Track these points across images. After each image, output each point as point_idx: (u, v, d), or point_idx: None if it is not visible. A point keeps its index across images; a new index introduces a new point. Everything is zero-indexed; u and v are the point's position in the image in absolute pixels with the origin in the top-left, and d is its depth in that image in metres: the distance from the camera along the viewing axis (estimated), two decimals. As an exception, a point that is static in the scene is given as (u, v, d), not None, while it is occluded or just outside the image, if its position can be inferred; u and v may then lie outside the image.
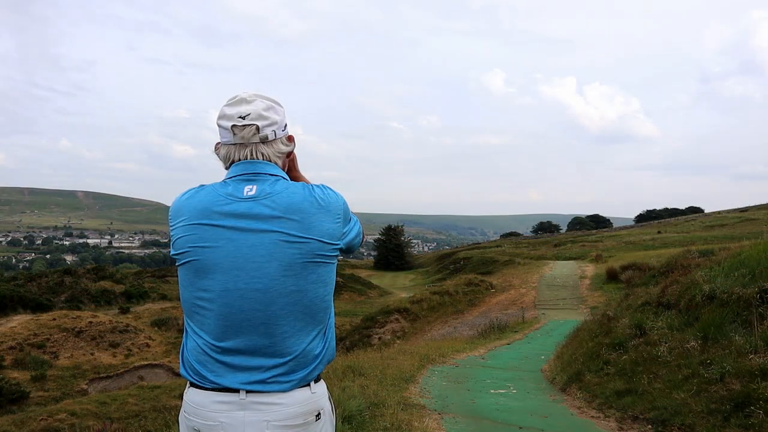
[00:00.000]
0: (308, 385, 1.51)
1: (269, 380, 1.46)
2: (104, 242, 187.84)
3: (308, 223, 1.47)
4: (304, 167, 1.75)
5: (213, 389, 1.47)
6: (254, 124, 1.53)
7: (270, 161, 1.57)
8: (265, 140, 1.56)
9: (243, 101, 1.54)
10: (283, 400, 1.46)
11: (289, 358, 1.47)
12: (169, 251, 1.61)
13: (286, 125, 1.61)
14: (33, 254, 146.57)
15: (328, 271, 1.53)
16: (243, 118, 1.52)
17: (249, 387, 1.45)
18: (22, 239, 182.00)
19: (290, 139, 1.65)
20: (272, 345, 1.47)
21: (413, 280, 49.60)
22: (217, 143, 1.61)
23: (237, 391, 1.46)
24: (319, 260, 1.49)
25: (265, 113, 1.55)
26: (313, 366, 1.51)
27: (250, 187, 1.51)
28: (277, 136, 1.58)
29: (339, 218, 1.54)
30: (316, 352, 1.52)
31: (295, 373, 1.48)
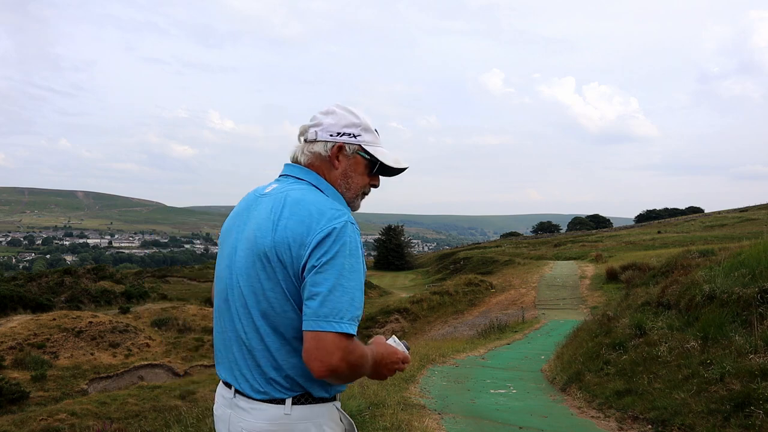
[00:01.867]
0: (282, 402, 1.39)
1: (247, 383, 1.43)
2: (104, 242, 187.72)
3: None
4: None
5: (221, 380, 1.53)
6: (305, 124, 1.57)
7: (299, 161, 1.56)
8: (306, 139, 1.56)
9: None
10: (254, 411, 1.40)
11: None
12: (169, 251, 1.63)
13: (339, 133, 1.52)
14: (33, 254, 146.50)
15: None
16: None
17: (234, 384, 1.45)
18: (22, 239, 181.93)
19: (339, 148, 1.52)
20: None
21: (413, 280, 49.60)
22: None
23: (231, 386, 1.47)
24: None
25: (319, 116, 1.56)
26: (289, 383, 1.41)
27: (274, 185, 1.54)
28: (318, 138, 1.53)
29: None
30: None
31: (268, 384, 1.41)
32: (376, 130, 1.58)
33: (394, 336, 1.61)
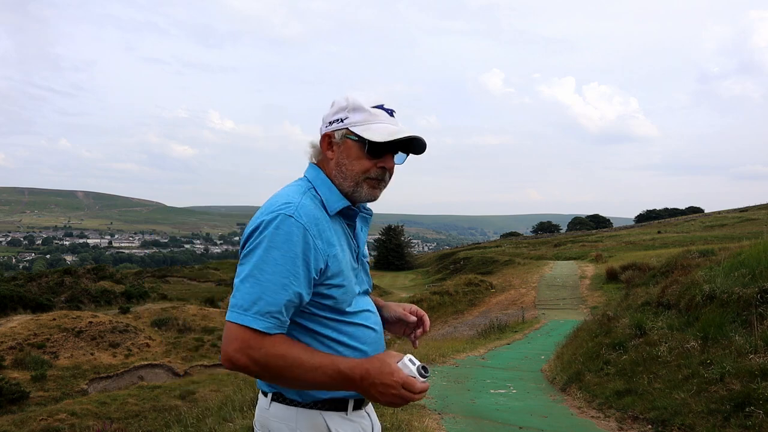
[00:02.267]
0: (266, 396, 1.43)
1: None
2: (104, 242, 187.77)
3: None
4: (303, 167, 1.62)
5: None
6: None
7: (311, 158, 1.55)
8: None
9: None
10: (259, 400, 1.48)
11: None
12: (169, 251, 1.62)
13: (330, 122, 1.47)
14: (33, 254, 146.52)
15: None
16: None
17: None
18: (22, 239, 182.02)
19: (326, 137, 1.48)
20: None
21: (413, 280, 49.60)
22: None
23: None
24: None
25: (328, 110, 1.53)
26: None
27: None
28: (321, 133, 1.52)
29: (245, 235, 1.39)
30: None
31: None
32: (381, 106, 1.45)
33: (409, 356, 1.30)
